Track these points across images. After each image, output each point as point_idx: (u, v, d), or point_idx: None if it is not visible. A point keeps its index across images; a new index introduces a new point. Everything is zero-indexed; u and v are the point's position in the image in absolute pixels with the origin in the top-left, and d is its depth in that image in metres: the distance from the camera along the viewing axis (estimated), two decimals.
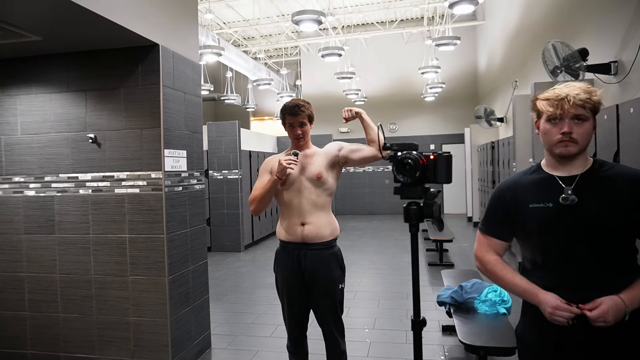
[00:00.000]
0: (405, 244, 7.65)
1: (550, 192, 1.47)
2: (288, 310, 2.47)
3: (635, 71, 3.53)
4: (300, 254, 2.38)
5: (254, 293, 5.26)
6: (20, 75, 3.25)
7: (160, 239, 3.04)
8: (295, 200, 2.39)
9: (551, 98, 1.45)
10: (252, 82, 12.86)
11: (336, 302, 2.41)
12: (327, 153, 2.47)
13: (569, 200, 1.43)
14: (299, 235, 2.37)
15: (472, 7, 5.81)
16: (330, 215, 2.46)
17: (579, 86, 1.44)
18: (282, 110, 2.44)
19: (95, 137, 3.12)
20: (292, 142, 2.48)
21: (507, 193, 1.58)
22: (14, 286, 3.30)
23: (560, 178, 1.48)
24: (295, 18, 6.14)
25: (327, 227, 2.40)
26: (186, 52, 3.36)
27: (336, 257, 2.43)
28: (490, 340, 2.73)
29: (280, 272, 2.47)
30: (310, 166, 2.41)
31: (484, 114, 9.10)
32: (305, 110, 2.41)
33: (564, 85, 1.48)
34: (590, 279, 1.41)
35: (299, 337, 2.51)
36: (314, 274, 2.37)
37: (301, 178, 2.39)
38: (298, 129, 2.40)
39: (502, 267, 1.56)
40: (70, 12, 2.40)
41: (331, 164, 2.43)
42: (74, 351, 3.21)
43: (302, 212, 2.37)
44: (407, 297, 4.87)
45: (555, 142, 1.45)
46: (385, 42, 12.91)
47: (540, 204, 1.47)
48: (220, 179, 7.92)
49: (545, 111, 1.46)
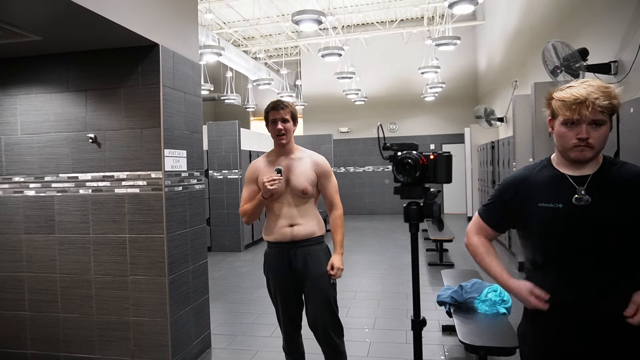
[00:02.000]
0: (405, 244, 7.65)
1: (561, 192, 1.43)
2: (282, 311, 2.48)
3: (635, 71, 3.53)
4: (290, 252, 2.40)
5: (254, 293, 5.26)
6: (20, 75, 3.25)
7: (160, 239, 3.04)
8: (284, 209, 2.41)
9: (568, 100, 1.38)
10: (252, 82, 12.86)
11: (329, 298, 2.41)
12: (316, 165, 2.46)
13: (583, 200, 1.40)
14: (288, 235, 2.39)
15: (472, 7, 5.81)
16: (316, 213, 2.49)
17: (597, 87, 1.37)
18: (265, 108, 2.45)
19: (95, 137, 3.12)
20: (274, 142, 2.45)
21: (515, 187, 1.54)
22: (14, 286, 3.30)
23: (572, 177, 1.44)
24: (295, 18, 6.14)
25: (315, 224, 2.44)
26: (186, 52, 3.36)
27: (325, 252, 2.46)
28: (490, 340, 2.73)
29: (272, 274, 2.47)
30: (296, 178, 2.39)
31: (484, 114, 9.10)
32: (289, 106, 2.42)
33: (580, 83, 1.41)
34: (591, 280, 1.40)
35: (294, 337, 2.52)
36: (304, 269, 2.39)
37: (287, 191, 2.40)
38: (280, 123, 2.38)
39: (484, 250, 1.61)
40: (70, 12, 2.40)
41: (316, 177, 2.45)
42: (74, 351, 3.21)
43: (290, 217, 2.40)
44: (407, 297, 4.87)
45: (571, 147, 1.40)
46: (385, 42, 12.91)
47: (550, 203, 1.44)
48: (220, 178, 7.92)
49: (562, 114, 1.40)
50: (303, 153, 2.49)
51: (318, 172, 2.45)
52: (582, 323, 1.41)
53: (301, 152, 2.48)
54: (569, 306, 1.43)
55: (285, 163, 2.42)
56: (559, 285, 1.43)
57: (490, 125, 9.13)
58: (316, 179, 2.44)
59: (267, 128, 2.46)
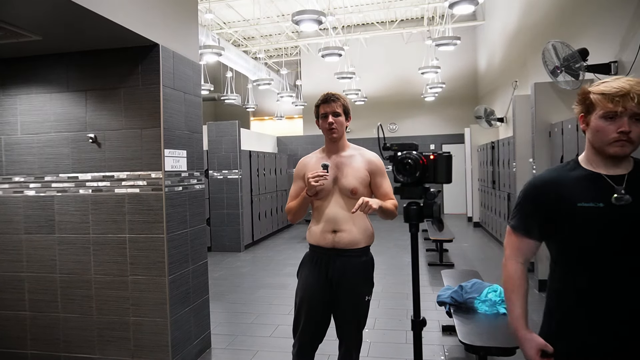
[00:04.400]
0: (405, 244, 7.65)
1: (601, 191, 1.38)
2: (304, 320, 2.25)
3: (635, 71, 3.53)
4: (330, 260, 2.21)
5: (254, 293, 5.26)
6: (20, 75, 3.25)
7: (160, 239, 3.04)
8: (329, 210, 2.21)
9: (610, 93, 1.32)
10: (252, 82, 12.86)
11: (360, 315, 2.22)
12: (369, 162, 2.26)
13: (624, 200, 1.34)
14: (330, 241, 2.20)
15: (472, 7, 5.81)
16: (366, 220, 2.26)
17: (637, 82, 1.32)
18: (316, 102, 2.29)
19: (95, 137, 3.12)
20: (325, 137, 2.28)
21: (548, 190, 1.45)
22: (14, 286, 3.30)
23: (608, 177, 1.40)
24: (295, 18, 6.14)
25: (361, 234, 2.22)
26: (186, 52, 3.36)
27: (366, 266, 2.25)
28: (490, 340, 2.73)
29: (304, 278, 2.28)
30: (345, 177, 2.21)
31: (484, 114, 9.11)
32: (341, 99, 2.26)
33: (615, 78, 1.36)
34: (627, 281, 1.36)
35: (308, 351, 2.28)
36: (340, 282, 2.19)
37: (335, 189, 2.22)
38: (331, 117, 2.21)
39: (517, 284, 1.50)
40: (70, 12, 2.40)
41: (368, 176, 2.25)
42: (74, 351, 3.21)
43: (335, 221, 2.20)
44: (407, 297, 4.87)
45: (611, 141, 1.35)
46: (385, 42, 12.92)
47: (590, 203, 1.37)
48: (220, 179, 7.92)
49: (603, 106, 1.33)
50: (355, 150, 2.31)
51: (371, 170, 2.24)
52: (615, 323, 1.37)
53: (353, 150, 2.31)
54: (601, 307, 1.38)
55: (335, 160, 2.25)
56: (592, 286, 1.39)
57: (490, 125, 9.14)
58: (368, 178, 2.24)
59: (317, 123, 2.30)
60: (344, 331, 2.24)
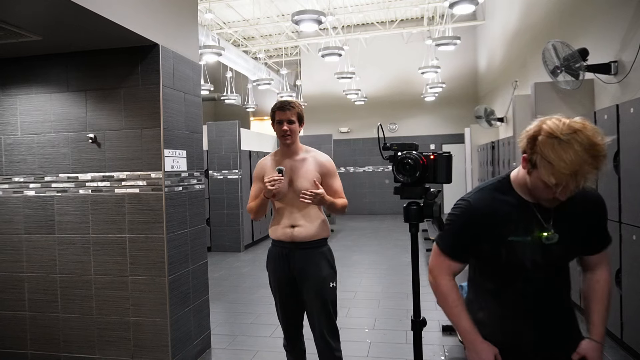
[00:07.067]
0: (406, 244, 7.65)
1: (530, 224, 1.40)
2: (280, 308, 2.51)
3: (635, 71, 3.53)
4: (290, 253, 2.41)
5: (254, 293, 5.26)
6: (20, 75, 3.25)
7: (160, 239, 3.04)
8: (287, 209, 2.42)
9: (557, 167, 1.21)
10: (252, 82, 12.86)
11: (327, 302, 2.40)
12: (320, 165, 2.44)
13: (553, 239, 1.38)
14: (289, 236, 2.40)
15: (472, 7, 5.81)
16: (321, 215, 2.47)
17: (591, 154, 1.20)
18: (272, 107, 2.45)
19: (95, 137, 3.12)
20: (279, 142, 2.46)
21: (482, 221, 1.43)
22: (14, 286, 3.30)
23: (536, 206, 1.40)
24: (295, 18, 6.14)
25: (317, 227, 2.42)
26: (186, 52, 3.36)
27: (325, 255, 2.45)
28: None
29: (272, 271, 2.50)
30: (299, 179, 2.39)
31: (484, 114, 9.10)
32: (296, 107, 2.41)
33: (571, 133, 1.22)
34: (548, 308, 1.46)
35: (294, 334, 2.54)
36: (302, 272, 2.40)
37: (290, 191, 2.41)
38: (285, 124, 2.37)
39: (456, 298, 1.50)
40: (70, 12, 2.39)
41: (320, 178, 2.44)
42: (74, 351, 3.21)
43: (292, 218, 2.41)
44: (407, 297, 4.87)
45: (544, 199, 1.36)
46: (385, 42, 12.91)
47: (519, 237, 1.40)
48: (220, 179, 7.92)
49: (547, 177, 1.24)
50: (308, 153, 2.48)
51: (322, 172, 2.44)
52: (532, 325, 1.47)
53: (306, 153, 2.48)
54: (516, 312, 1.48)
55: (289, 164, 2.42)
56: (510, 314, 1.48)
57: (490, 125, 9.13)
58: (320, 180, 2.43)
59: (273, 127, 2.46)
60: (313, 316, 2.42)
